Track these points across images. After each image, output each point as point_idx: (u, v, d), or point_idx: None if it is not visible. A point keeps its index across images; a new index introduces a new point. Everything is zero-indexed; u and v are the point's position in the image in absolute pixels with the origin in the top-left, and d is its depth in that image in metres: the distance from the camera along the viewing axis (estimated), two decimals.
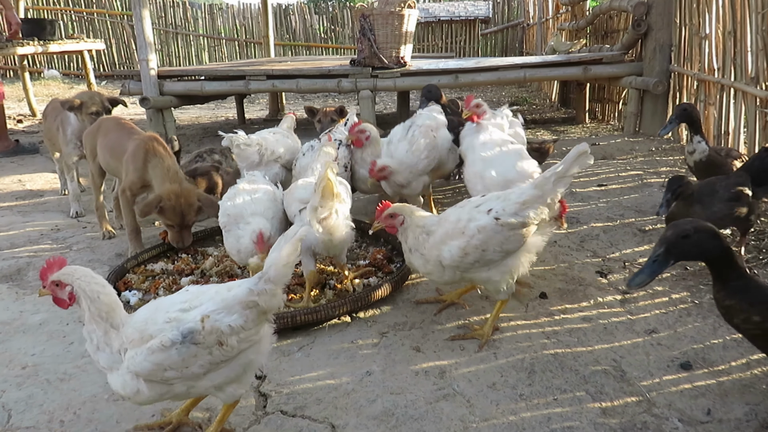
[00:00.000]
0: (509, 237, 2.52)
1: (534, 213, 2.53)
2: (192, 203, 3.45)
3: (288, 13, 16.55)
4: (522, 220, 2.51)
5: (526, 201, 2.54)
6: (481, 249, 2.50)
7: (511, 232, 2.51)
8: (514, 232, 2.52)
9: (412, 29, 6.51)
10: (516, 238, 2.54)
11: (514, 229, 2.51)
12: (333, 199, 2.77)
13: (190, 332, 1.79)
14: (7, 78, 15.22)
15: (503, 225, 2.49)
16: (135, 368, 1.79)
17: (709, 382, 2.29)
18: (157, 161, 3.54)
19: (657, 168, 4.98)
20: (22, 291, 3.27)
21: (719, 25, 5.03)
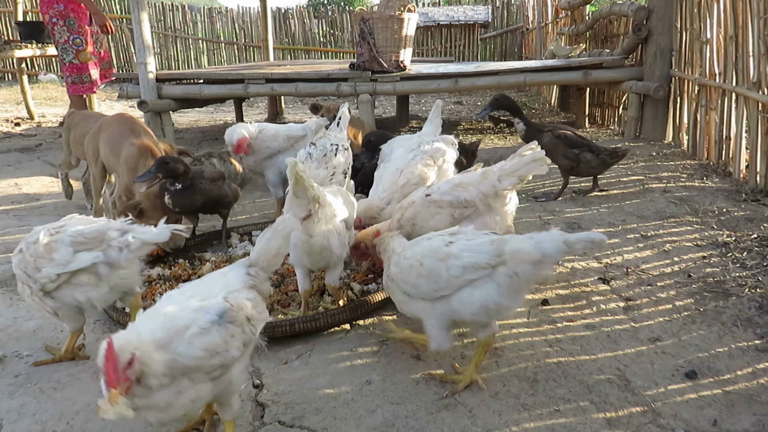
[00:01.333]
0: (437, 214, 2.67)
1: (468, 196, 2.64)
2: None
3: (287, 17, 16.53)
4: (451, 200, 2.63)
5: (461, 183, 2.69)
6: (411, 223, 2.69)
7: (440, 210, 2.67)
8: (444, 211, 2.66)
9: (411, 33, 6.49)
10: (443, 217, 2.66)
11: (441, 207, 2.67)
12: (308, 197, 2.54)
13: (224, 311, 1.84)
14: (5, 81, 15.18)
15: (432, 201, 2.67)
16: (182, 361, 1.71)
17: (715, 391, 2.25)
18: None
19: (658, 173, 4.95)
20: (16, 297, 3.22)
21: (720, 30, 5.01)
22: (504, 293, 2.16)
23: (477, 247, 2.21)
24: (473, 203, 2.68)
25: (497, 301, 2.16)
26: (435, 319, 2.27)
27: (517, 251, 2.14)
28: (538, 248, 2.12)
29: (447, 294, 2.21)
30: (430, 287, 2.23)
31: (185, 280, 3.31)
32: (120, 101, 11.21)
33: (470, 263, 2.16)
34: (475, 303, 2.17)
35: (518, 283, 2.16)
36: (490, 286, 2.16)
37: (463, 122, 8.96)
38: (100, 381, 1.58)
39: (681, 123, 5.93)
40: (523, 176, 2.66)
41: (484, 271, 2.16)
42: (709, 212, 4.00)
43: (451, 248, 2.24)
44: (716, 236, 3.61)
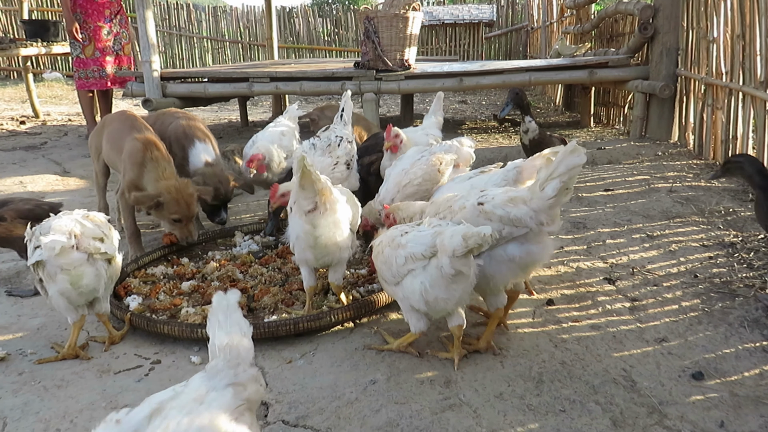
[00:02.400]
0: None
1: (518, 214, 2.37)
2: (191, 194, 3.49)
3: (292, 16, 16.54)
4: (501, 214, 2.39)
5: (514, 198, 2.43)
6: None
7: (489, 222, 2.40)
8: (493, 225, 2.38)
9: (416, 32, 6.47)
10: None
11: (491, 219, 2.41)
12: (314, 189, 2.54)
13: None
14: (10, 79, 15.24)
15: (482, 212, 2.44)
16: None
17: (722, 393, 2.23)
18: (153, 166, 3.53)
19: (664, 173, 4.92)
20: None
21: (728, 29, 4.97)
22: (435, 284, 2.24)
23: (420, 239, 2.30)
24: (525, 223, 2.37)
25: (430, 290, 2.25)
26: (401, 302, 2.42)
27: (441, 242, 2.21)
28: (450, 243, 2.16)
29: (400, 280, 2.35)
30: (388, 273, 2.39)
31: (189, 279, 3.31)
32: (125, 99, 11.22)
33: (410, 253, 2.28)
34: (415, 291, 2.29)
35: (444, 275, 2.20)
36: (424, 275, 2.26)
37: (467, 121, 8.94)
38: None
39: (687, 122, 5.89)
40: (567, 176, 2.29)
41: (420, 262, 2.27)
42: (715, 212, 3.97)
43: (402, 238, 2.36)
44: (723, 236, 3.58)
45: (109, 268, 2.57)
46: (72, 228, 2.44)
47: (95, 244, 2.47)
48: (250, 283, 3.22)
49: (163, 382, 2.39)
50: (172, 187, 3.43)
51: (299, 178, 2.50)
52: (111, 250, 2.55)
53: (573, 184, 2.34)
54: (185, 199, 3.46)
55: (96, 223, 2.58)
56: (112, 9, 7.15)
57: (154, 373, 2.48)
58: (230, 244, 3.85)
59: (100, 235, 2.52)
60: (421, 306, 2.31)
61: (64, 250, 2.37)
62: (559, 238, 3.70)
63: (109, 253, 2.54)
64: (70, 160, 6.46)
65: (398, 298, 2.42)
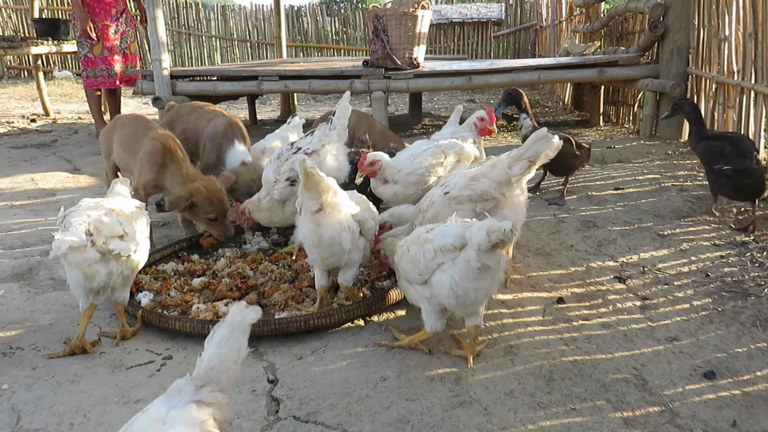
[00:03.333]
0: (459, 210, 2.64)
1: (483, 187, 2.66)
2: (220, 188, 3.53)
3: (300, 15, 16.57)
4: (470, 194, 2.65)
5: (475, 176, 2.69)
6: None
7: (461, 206, 2.67)
8: (465, 206, 2.67)
9: (425, 30, 6.46)
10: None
11: (462, 203, 2.68)
12: (319, 190, 2.54)
13: None
14: (21, 78, 15.35)
15: (451, 198, 2.69)
16: None
17: (734, 392, 2.22)
18: (175, 167, 3.53)
19: (674, 172, 4.90)
20: (33, 290, 3.25)
21: (739, 27, 4.94)
22: (465, 276, 2.23)
23: (447, 231, 2.32)
24: (491, 194, 2.66)
25: (460, 283, 2.24)
26: (427, 302, 2.39)
27: (470, 235, 2.21)
28: (475, 236, 2.18)
29: (428, 277, 2.34)
30: (415, 271, 2.38)
31: (200, 275, 3.32)
32: (134, 98, 11.28)
33: (439, 246, 2.28)
34: (444, 286, 2.28)
35: (472, 267, 2.21)
36: (454, 268, 2.26)
37: None
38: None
39: None
40: (533, 158, 2.61)
41: (450, 254, 2.26)
42: (726, 211, 3.95)
43: (429, 234, 2.37)
44: (734, 235, 3.56)
45: (127, 262, 2.55)
46: (89, 226, 2.42)
47: (109, 246, 2.44)
48: (261, 280, 3.23)
49: (175, 378, 2.37)
50: (202, 187, 3.45)
51: (303, 180, 2.52)
52: (126, 250, 2.51)
53: (538, 163, 2.65)
54: (217, 196, 3.48)
55: (120, 217, 2.55)
56: (117, 8, 7.18)
57: (166, 368, 2.49)
58: (240, 241, 3.86)
59: (119, 232, 2.49)
60: (450, 301, 2.29)
61: (75, 249, 2.36)
62: (569, 236, 3.70)
63: (123, 253, 2.50)
64: (81, 158, 6.50)
65: (423, 297, 2.40)
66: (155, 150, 3.54)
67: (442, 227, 2.38)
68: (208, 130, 4.20)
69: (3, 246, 3.89)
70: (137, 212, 2.70)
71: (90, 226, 2.43)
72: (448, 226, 2.37)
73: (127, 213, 2.62)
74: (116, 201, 2.68)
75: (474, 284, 2.25)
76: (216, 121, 4.26)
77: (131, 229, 2.57)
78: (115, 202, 2.67)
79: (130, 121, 3.96)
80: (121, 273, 2.56)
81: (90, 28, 6.96)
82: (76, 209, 2.55)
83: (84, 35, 7.01)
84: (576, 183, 4.84)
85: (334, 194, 2.60)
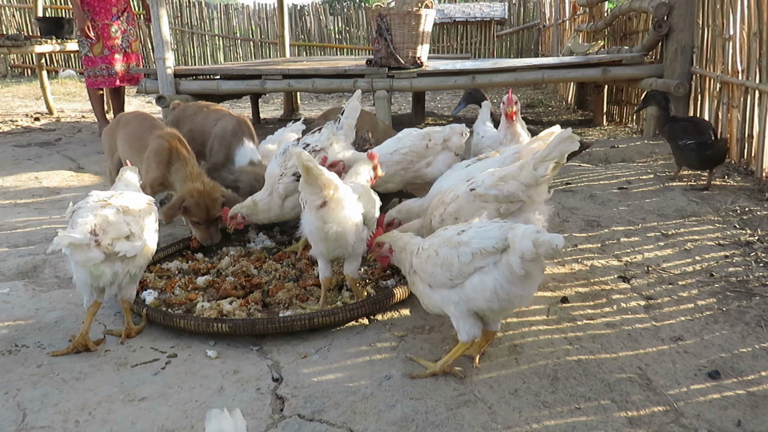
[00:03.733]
0: (482, 209, 2.63)
1: (511, 189, 2.64)
2: (216, 198, 3.48)
3: (303, 14, 16.57)
4: (496, 194, 2.65)
5: (504, 177, 2.67)
6: (454, 218, 2.69)
7: (485, 204, 2.66)
8: (490, 206, 2.66)
9: (429, 29, 6.46)
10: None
11: (487, 201, 2.66)
12: (319, 184, 2.52)
13: None
14: (24, 76, 15.38)
15: (477, 196, 2.68)
16: None
17: (739, 392, 2.22)
18: (180, 164, 3.54)
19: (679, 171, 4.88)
20: (38, 288, 3.26)
21: (744, 26, 4.93)
22: (512, 279, 2.15)
23: (485, 233, 2.23)
24: (518, 197, 2.64)
25: (505, 287, 2.16)
26: (454, 307, 2.28)
27: (513, 238, 2.13)
28: (519, 244, 2.09)
29: (461, 281, 2.24)
30: (445, 276, 2.26)
31: (204, 274, 3.33)
32: (138, 96, 11.29)
33: (478, 249, 2.19)
34: (486, 289, 2.18)
35: (518, 274, 2.14)
36: (498, 272, 2.17)
37: None
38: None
39: None
40: (559, 158, 2.56)
41: (492, 257, 2.17)
42: (730, 211, 3.94)
43: (462, 236, 2.27)
44: (738, 235, 3.56)
45: (133, 260, 2.55)
46: (94, 226, 2.41)
47: (115, 248, 2.43)
48: (265, 279, 3.23)
49: (180, 376, 2.42)
50: (195, 190, 3.45)
51: (303, 175, 2.52)
52: (132, 250, 2.50)
53: (563, 163, 2.61)
54: (206, 203, 3.46)
55: (128, 216, 2.54)
56: (119, 6, 7.19)
57: (171, 366, 2.50)
58: (245, 239, 3.87)
59: (126, 232, 2.48)
60: (492, 305, 2.20)
61: (78, 247, 2.35)
62: (572, 236, 3.70)
63: (129, 254, 2.48)
64: (84, 157, 6.52)
65: (450, 302, 2.29)
66: (162, 148, 3.56)
67: (477, 229, 2.28)
68: (216, 130, 4.20)
69: (8, 244, 3.90)
70: (146, 209, 2.69)
71: (96, 226, 2.41)
72: (483, 226, 2.28)
73: (136, 210, 2.60)
74: (126, 197, 2.65)
75: (520, 290, 2.18)
76: (224, 120, 4.26)
77: (138, 228, 2.56)
78: (125, 198, 2.64)
79: (135, 119, 3.97)
80: (128, 272, 2.56)
81: (88, 27, 6.94)
82: (84, 204, 2.54)
83: (82, 34, 7.01)
84: (580, 182, 4.83)
85: (336, 189, 2.58)
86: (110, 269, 2.48)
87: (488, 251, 2.17)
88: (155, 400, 2.26)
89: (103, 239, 2.41)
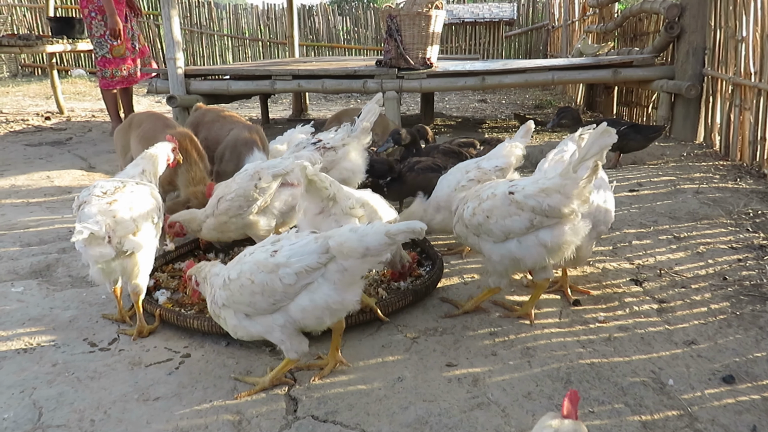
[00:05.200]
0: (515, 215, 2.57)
1: (551, 202, 2.49)
2: None
3: (312, 14, 16.59)
4: (534, 205, 2.51)
5: (546, 189, 2.52)
6: (485, 215, 2.62)
7: (520, 212, 2.55)
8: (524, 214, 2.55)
9: (439, 30, 6.46)
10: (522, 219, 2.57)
11: (522, 209, 2.55)
12: (321, 197, 2.54)
13: None
14: (35, 76, 15.48)
15: (513, 201, 2.56)
16: None
17: (754, 396, 2.21)
18: (186, 167, 3.57)
19: (690, 174, 4.86)
20: (52, 287, 3.28)
21: (757, 28, 4.90)
22: (340, 289, 2.17)
23: (302, 249, 2.17)
24: (559, 212, 2.49)
25: (336, 298, 2.17)
26: (281, 330, 2.22)
27: (341, 245, 2.12)
28: (362, 242, 2.10)
29: (286, 304, 2.19)
30: (268, 302, 2.18)
31: None
32: (148, 96, 11.34)
33: (302, 267, 2.14)
34: (318, 306, 2.16)
35: (349, 277, 2.17)
36: (325, 286, 2.16)
37: (488, 120, 8.91)
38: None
39: (713, 123, 5.82)
40: (598, 156, 2.39)
41: (317, 272, 2.16)
42: (743, 214, 3.92)
43: (277, 258, 2.18)
44: (752, 239, 3.54)
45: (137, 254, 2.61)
46: (105, 224, 2.45)
47: (123, 247, 2.50)
48: None
49: (194, 376, 2.43)
50: (200, 192, 3.49)
51: (305, 185, 2.52)
52: (138, 246, 2.57)
53: (602, 163, 2.44)
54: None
55: (134, 211, 2.58)
56: (125, 9, 7.29)
57: (184, 366, 2.51)
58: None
59: (133, 229, 2.54)
60: (324, 319, 2.22)
61: (95, 239, 2.40)
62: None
63: (136, 250, 2.56)
64: (95, 156, 6.55)
65: (276, 326, 2.22)
66: None
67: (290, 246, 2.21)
68: (228, 139, 4.22)
69: (21, 243, 3.92)
70: (150, 202, 2.72)
71: (107, 225, 2.46)
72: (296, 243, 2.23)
73: (140, 205, 2.64)
74: (129, 194, 2.65)
75: (352, 295, 2.22)
76: (237, 130, 4.28)
77: (143, 221, 2.62)
78: (128, 195, 2.64)
79: (148, 119, 4.00)
80: (137, 264, 2.62)
81: (122, 29, 7.01)
82: (88, 198, 2.56)
83: (113, 35, 7.04)
84: None
85: (339, 199, 2.61)
86: (119, 266, 2.57)
87: (313, 267, 2.14)
88: (170, 400, 2.28)
89: (113, 237, 2.47)
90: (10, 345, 2.68)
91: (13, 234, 4.08)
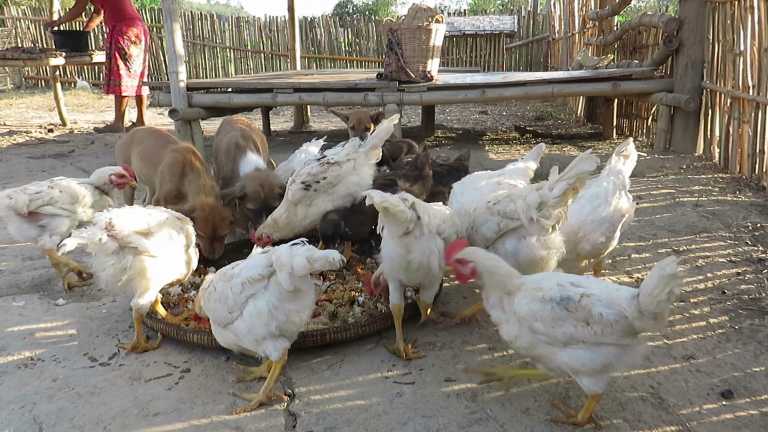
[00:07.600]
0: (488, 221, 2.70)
1: (513, 207, 2.61)
2: (225, 216, 3.53)
3: (313, 26, 16.72)
4: (499, 209, 2.66)
5: (512, 195, 2.69)
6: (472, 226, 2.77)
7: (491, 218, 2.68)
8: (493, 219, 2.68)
9: (439, 43, 6.51)
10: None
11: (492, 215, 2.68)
12: (399, 221, 2.45)
13: (568, 299, 2.04)
14: (38, 88, 15.59)
15: (488, 208, 2.71)
16: (516, 309, 2.11)
17: (752, 412, 2.21)
18: (194, 176, 3.61)
19: (689, 186, 4.88)
20: (52, 301, 3.30)
21: (755, 42, 4.94)
22: (283, 299, 2.27)
23: (253, 263, 2.34)
24: (516, 215, 2.58)
25: (279, 306, 2.26)
26: (246, 339, 2.35)
27: (278, 258, 2.24)
28: (289, 261, 2.20)
29: (239, 313, 2.32)
30: (224, 309, 2.36)
31: None
32: (150, 109, 11.40)
33: (246, 278, 2.29)
34: (262, 313, 2.27)
35: (286, 291, 2.24)
36: (269, 294, 2.28)
37: (488, 132, 8.95)
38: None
39: (712, 136, 5.85)
40: (574, 182, 2.42)
41: (260, 283, 2.29)
42: (742, 227, 3.93)
43: (234, 269, 2.39)
44: (750, 252, 3.55)
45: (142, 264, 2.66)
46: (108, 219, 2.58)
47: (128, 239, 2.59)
48: None
49: (193, 391, 2.44)
50: (207, 205, 3.51)
51: (381, 213, 2.45)
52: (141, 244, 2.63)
53: (582, 188, 2.52)
54: (214, 220, 3.51)
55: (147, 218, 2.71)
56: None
57: (184, 381, 2.52)
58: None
59: (143, 226, 2.66)
60: (270, 328, 2.29)
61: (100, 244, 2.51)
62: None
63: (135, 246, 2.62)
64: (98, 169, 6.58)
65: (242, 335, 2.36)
66: (175, 161, 3.63)
67: (247, 261, 2.42)
68: (222, 145, 4.26)
69: (22, 257, 3.95)
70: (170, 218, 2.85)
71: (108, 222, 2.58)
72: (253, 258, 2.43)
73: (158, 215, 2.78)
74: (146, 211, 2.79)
75: (294, 305, 2.31)
76: (231, 134, 4.31)
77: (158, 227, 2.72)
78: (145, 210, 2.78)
79: (150, 135, 4.03)
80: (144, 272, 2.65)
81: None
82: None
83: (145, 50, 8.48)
84: None
85: (424, 217, 2.49)
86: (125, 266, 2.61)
87: (255, 279, 2.28)
88: (169, 415, 2.29)
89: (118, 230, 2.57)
90: (10, 359, 2.69)
91: (15, 248, 4.10)
